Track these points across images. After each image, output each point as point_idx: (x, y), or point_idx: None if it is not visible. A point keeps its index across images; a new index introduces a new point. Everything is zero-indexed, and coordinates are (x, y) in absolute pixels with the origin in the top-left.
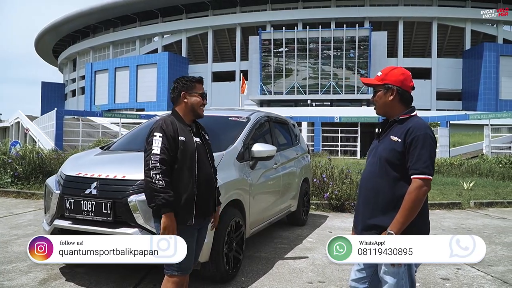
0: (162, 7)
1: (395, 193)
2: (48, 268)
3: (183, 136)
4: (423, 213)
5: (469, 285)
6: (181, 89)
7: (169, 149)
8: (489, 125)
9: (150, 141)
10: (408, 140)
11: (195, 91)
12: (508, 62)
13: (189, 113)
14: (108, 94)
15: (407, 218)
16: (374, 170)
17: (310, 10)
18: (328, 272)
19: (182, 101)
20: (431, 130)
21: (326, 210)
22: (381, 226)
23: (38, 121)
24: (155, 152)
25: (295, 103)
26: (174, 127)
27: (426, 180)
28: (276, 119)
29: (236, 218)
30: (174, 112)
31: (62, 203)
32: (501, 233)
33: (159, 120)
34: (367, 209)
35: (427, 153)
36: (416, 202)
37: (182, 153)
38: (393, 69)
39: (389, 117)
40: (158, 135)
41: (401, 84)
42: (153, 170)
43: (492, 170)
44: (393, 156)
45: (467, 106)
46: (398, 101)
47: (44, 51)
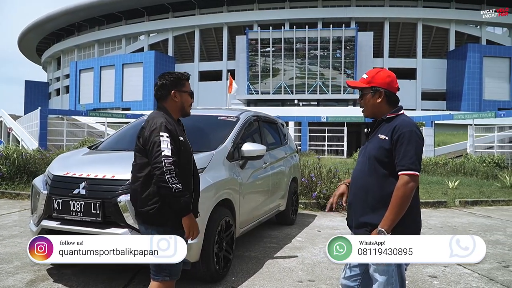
0: (148, 6)
1: (384, 190)
2: (35, 270)
3: (181, 136)
4: (413, 209)
5: (456, 282)
6: (171, 86)
7: (176, 151)
8: (473, 125)
9: (156, 142)
10: (394, 138)
11: (185, 89)
12: (491, 63)
13: (178, 111)
14: (93, 93)
15: (396, 214)
16: (363, 168)
17: (297, 10)
18: (317, 270)
19: (171, 99)
20: (417, 128)
21: (315, 209)
22: (372, 223)
23: (21, 120)
24: (167, 154)
25: (282, 103)
26: (174, 126)
27: (413, 176)
28: (265, 118)
29: (226, 217)
30: (164, 109)
31: (49, 203)
32: (486, 231)
33: (158, 117)
34: (358, 207)
35: (413, 149)
36: (404, 198)
37: (183, 155)
38: (379, 71)
39: (377, 117)
40: (166, 135)
41: (387, 86)
42: (168, 174)
43: (476, 169)
44: (381, 154)
45: (451, 106)
46: (386, 103)
47: (27, 49)
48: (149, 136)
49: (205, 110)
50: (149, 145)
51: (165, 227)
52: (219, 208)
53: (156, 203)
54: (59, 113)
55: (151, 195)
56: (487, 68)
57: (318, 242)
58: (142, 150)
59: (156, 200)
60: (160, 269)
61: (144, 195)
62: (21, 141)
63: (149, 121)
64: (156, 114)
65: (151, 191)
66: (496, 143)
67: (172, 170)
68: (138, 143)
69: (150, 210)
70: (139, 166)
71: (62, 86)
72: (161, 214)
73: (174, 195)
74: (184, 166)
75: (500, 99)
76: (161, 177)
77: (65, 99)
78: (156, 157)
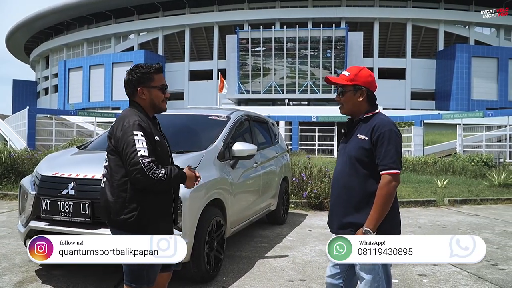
0: (138, 4)
1: (366, 190)
2: (23, 271)
3: (157, 136)
4: (393, 209)
5: (445, 281)
6: (137, 83)
7: (152, 150)
8: (461, 125)
9: (131, 142)
10: (374, 138)
11: (154, 85)
12: (479, 63)
13: (150, 108)
14: (83, 93)
15: (381, 213)
16: (344, 169)
17: (287, 10)
18: (308, 270)
19: (139, 97)
20: (396, 126)
21: (305, 209)
22: (356, 223)
23: (9, 120)
24: (144, 154)
25: (272, 103)
26: (149, 124)
27: (395, 175)
28: (256, 118)
29: (217, 217)
30: (136, 105)
31: (38, 204)
32: (475, 230)
33: (130, 116)
34: (341, 207)
35: (393, 148)
36: (387, 197)
37: (159, 155)
38: (361, 69)
39: (355, 116)
40: (140, 134)
41: (369, 85)
42: (149, 171)
43: (465, 168)
44: (362, 154)
45: (440, 106)
46: (366, 101)
47: (15, 48)
48: (122, 136)
49: (196, 110)
50: (122, 146)
51: (144, 234)
52: (209, 208)
53: (135, 211)
54: (48, 112)
55: (127, 201)
56: (476, 68)
57: (309, 241)
58: (115, 151)
59: (134, 207)
60: (139, 278)
61: (119, 201)
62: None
63: (121, 120)
64: (128, 112)
65: (127, 197)
66: (484, 142)
67: (152, 167)
68: (110, 144)
69: (129, 219)
70: (112, 169)
71: (50, 85)
72: (140, 223)
73: (169, 182)
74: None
75: (488, 99)
76: (145, 178)
77: (53, 98)
78: (132, 158)
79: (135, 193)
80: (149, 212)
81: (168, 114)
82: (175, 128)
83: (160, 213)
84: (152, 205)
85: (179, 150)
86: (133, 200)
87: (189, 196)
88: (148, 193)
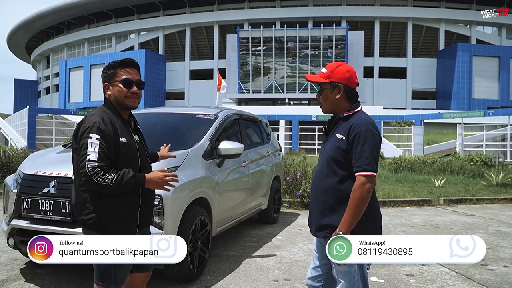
0: (138, 4)
1: (343, 191)
2: (8, 269)
3: (124, 137)
4: (372, 210)
5: (432, 281)
6: (104, 79)
7: (108, 155)
8: (462, 124)
9: (84, 144)
10: (350, 138)
11: (116, 79)
12: (480, 62)
13: (118, 107)
14: (83, 92)
15: (353, 216)
16: (322, 169)
17: (287, 9)
18: (294, 270)
19: (106, 94)
20: (374, 126)
21: (298, 208)
22: (332, 225)
23: (10, 119)
24: (91, 159)
25: (273, 102)
26: (114, 126)
27: (370, 177)
28: (247, 117)
29: (201, 216)
30: (108, 103)
31: (19, 202)
32: (468, 230)
33: (94, 116)
34: (318, 209)
35: (369, 149)
36: (360, 200)
37: (124, 158)
38: (338, 65)
39: (337, 114)
40: (95, 137)
41: (347, 82)
42: (95, 176)
43: (463, 168)
44: (339, 154)
45: (441, 105)
46: (345, 99)
47: (16, 48)
48: (80, 136)
49: (184, 108)
50: (78, 147)
51: (105, 234)
52: (193, 207)
53: (93, 213)
54: (48, 111)
55: (88, 203)
56: (477, 67)
57: (299, 241)
58: (77, 150)
59: (93, 210)
60: (106, 277)
61: (79, 201)
62: (9, 140)
63: (85, 119)
64: (96, 111)
65: (88, 198)
66: (484, 141)
67: (98, 172)
68: (74, 143)
69: (88, 220)
70: (74, 168)
71: (51, 85)
72: (99, 225)
73: (118, 187)
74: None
75: (489, 98)
76: (90, 182)
77: (55, 97)
78: (81, 161)
79: (95, 194)
80: (107, 215)
81: (155, 113)
82: (162, 127)
83: (121, 216)
84: (111, 208)
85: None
86: (92, 201)
87: (170, 195)
88: (106, 195)
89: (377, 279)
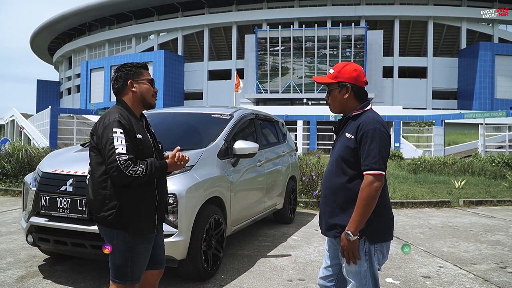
0: (158, 5)
1: (352, 190)
2: (27, 266)
3: (140, 133)
4: (382, 209)
5: (449, 283)
6: (127, 76)
7: (133, 147)
8: (483, 124)
9: (110, 139)
10: (358, 137)
11: (143, 78)
12: (503, 62)
13: (139, 103)
14: (104, 92)
15: (362, 216)
16: (332, 169)
17: (306, 9)
18: (309, 270)
19: (129, 91)
20: (382, 125)
21: (314, 208)
22: (342, 225)
23: (33, 119)
24: (121, 152)
25: (291, 102)
26: (130, 122)
27: (377, 176)
28: (263, 117)
29: (215, 215)
30: (123, 103)
31: (38, 200)
32: (487, 232)
33: (112, 113)
34: (328, 208)
35: (376, 148)
36: (368, 199)
37: (140, 154)
38: (345, 65)
39: (346, 114)
40: (119, 131)
41: (355, 81)
42: (126, 169)
43: (484, 169)
44: (348, 154)
45: (462, 105)
46: (353, 98)
47: (39, 49)
48: (102, 133)
49: (200, 108)
50: (102, 143)
51: (125, 232)
52: (208, 206)
53: (114, 208)
54: (69, 112)
55: (107, 199)
56: (499, 67)
57: (314, 241)
58: (96, 148)
59: (113, 206)
60: (122, 274)
61: (99, 198)
62: (32, 139)
63: (103, 117)
64: (112, 109)
65: (107, 194)
66: (507, 142)
67: (129, 164)
68: (92, 141)
69: (108, 217)
70: (93, 166)
71: (73, 85)
72: (120, 221)
73: (148, 177)
74: None
75: None
76: (122, 175)
77: (76, 98)
78: (110, 156)
79: (114, 190)
80: (127, 210)
81: (171, 113)
82: (177, 127)
83: (140, 211)
84: (131, 203)
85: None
86: (112, 197)
87: (185, 194)
88: (127, 191)
89: (393, 281)
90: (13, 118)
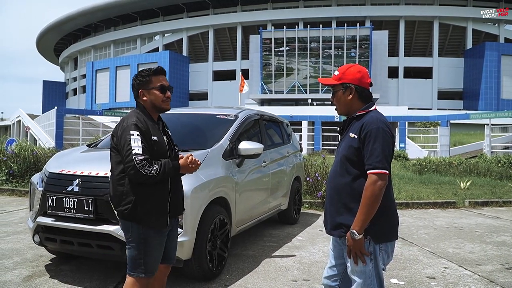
0: (163, 6)
1: (356, 190)
2: (34, 265)
3: (156, 136)
4: (387, 209)
5: (455, 284)
6: (138, 87)
7: (149, 149)
8: (489, 125)
9: (127, 140)
10: (362, 136)
11: (152, 86)
12: (509, 62)
13: (152, 109)
14: (109, 93)
15: (366, 215)
16: (336, 168)
17: (311, 9)
18: (313, 270)
19: (141, 99)
20: (385, 124)
21: (319, 209)
22: (347, 224)
23: (39, 119)
24: (138, 152)
25: (296, 102)
26: (146, 125)
27: (381, 175)
28: (268, 117)
29: (220, 216)
30: (141, 106)
31: (44, 200)
32: (493, 232)
33: (131, 117)
34: (333, 207)
35: (380, 147)
36: (372, 198)
37: (155, 155)
38: (349, 67)
39: (351, 115)
40: (136, 133)
41: (359, 82)
42: (142, 168)
43: (490, 170)
44: (351, 153)
45: (468, 106)
46: (357, 99)
47: (45, 50)
48: (121, 135)
49: (205, 109)
50: (121, 144)
51: (139, 225)
52: (213, 206)
53: (130, 203)
54: (75, 112)
55: (124, 195)
56: (505, 67)
57: (319, 241)
58: (116, 148)
59: (129, 201)
60: (136, 266)
61: (117, 194)
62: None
63: (122, 120)
64: (131, 113)
65: (124, 190)
66: None
67: (145, 164)
68: (112, 142)
69: (124, 211)
70: (113, 164)
71: (79, 86)
72: (135, 214)
73: (162, 176)
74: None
75: None
76: (138, 174)
77: (81, 98)
78: (127, 156)
79: (131, 187)
80: (142, 205)
81: (176, 113)
82: (183, 127)
83: (153, 206)
84: (145, 199)
85: (184, 148)
86: (129, 193)
87: (190, 194)
88: (142, 188)
89: (398, 281)
90: (19, 118)
